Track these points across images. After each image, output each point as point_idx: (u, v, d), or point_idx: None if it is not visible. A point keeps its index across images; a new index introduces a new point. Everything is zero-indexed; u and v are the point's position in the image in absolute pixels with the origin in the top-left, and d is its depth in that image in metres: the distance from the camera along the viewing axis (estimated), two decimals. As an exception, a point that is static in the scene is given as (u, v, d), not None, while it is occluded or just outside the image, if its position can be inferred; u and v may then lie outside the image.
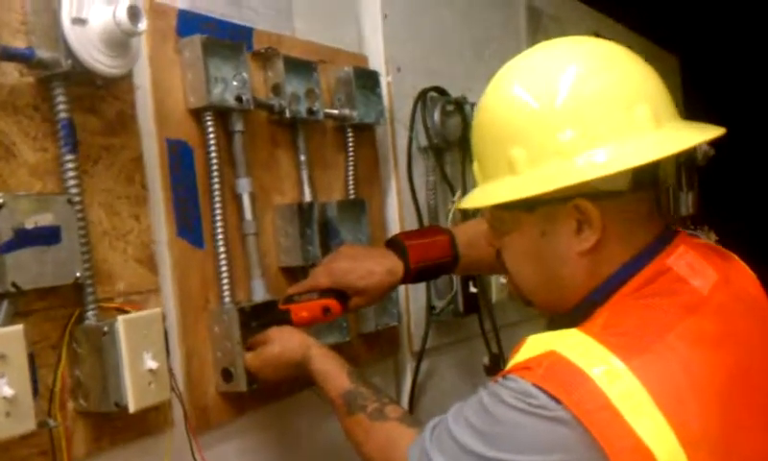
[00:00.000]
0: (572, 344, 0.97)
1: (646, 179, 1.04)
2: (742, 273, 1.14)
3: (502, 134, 1.06)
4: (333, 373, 1.30)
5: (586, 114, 1.00)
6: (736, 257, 1.16)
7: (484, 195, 1.12)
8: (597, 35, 2.85)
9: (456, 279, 1.89)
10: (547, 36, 2.54)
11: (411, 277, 1.50)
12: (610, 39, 1.14)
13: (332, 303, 1.40)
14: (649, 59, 1.10)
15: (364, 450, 1.22)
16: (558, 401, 0.92)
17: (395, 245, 1.52)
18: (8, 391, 0.98)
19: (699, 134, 1.04)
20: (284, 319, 1.39)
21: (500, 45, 2.31)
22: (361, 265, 1.46)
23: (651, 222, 1.07)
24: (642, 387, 0.91)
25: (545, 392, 0.93)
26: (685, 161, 3.11)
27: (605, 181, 1.00)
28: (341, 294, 1.43)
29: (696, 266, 1.05)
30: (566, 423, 0.91)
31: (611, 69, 1.04)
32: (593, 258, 1.05)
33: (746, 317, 1.07)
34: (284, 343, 1.35)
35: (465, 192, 1.98)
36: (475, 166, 1.15)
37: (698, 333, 0.99)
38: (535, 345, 1.01)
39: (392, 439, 1.18)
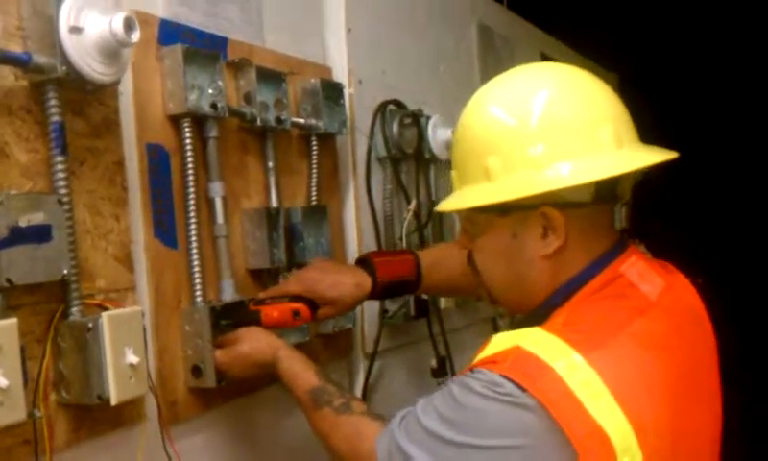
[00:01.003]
0: (535, 340, 1.08)
1: (606, 193, 1.15)
2: (683, 283, 1.27)
3: (480, 146, 1.17)
4: (301, 372, 1.37)
5: (555, 132, 1.12)
6: (677, 270, 1.28)
7: (462, 199, 1.22)
8: (543, 54, 2.99)
9: (409, 285, 1.98)
10: (497, 55, 2.69)
11: (378, 292, 1.60)
12: (555, 58, 1.29)
13: (302, 307, 1.48)
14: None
15: (331, 442, 1.30)
16: (523, 389, 1.02)
17: (363, 262, 1.63)
18: (2, 381, 1.03)
19: (654, 156, 1.15)
20: (254, 319, 1.46)
21: (453, 62, 2.42)
22: (331, 276, 1.55)
23: (608, 232, 1.20)
24: (599, 378, 1.02)
25: (512, 381, 1.04)
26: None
27: (571, 192, 1.12)
28: (310, 302, 1.50)
29: (645, 274, 1.18)
30: (531, 409, 1.02)
31: (580, 93, 1.16)
32: (555, 262, 1.16)
33: (688, 322, 1.21)
34: (253, 343, 1.41)
35: (418, 200, 2.07)
36: (453, 174, 1.25)
37: (647, 333, 1.11)
38: (500, 342, 1.12)
39: (358, 431, 1.26)
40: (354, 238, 1.93)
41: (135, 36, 1.19)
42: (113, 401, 1.18)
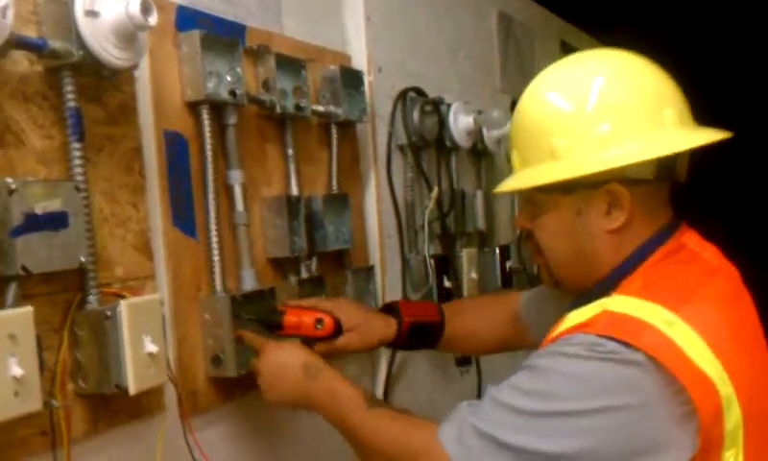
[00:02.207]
0: (621, 302, 1.10)
1: (666, 171, 1.19)
2: (729, 262, 1.28)
3: (546, 126, 1.21)
4: (347, 383, 1.33)
5: (620, 112, 1.16)
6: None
7: (526, 178, 1.24)
8: (564, 42, 2.95)
9: (431, 272, 1.96)
10: (517, 42, 2.65)
11: (404, 331, 1.59)
12: (575, 46, 1.32)
13: (327, 318, 1.47)
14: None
15: (382, 438, 1.23)
16: (628, 345, 1.03)
17: (387, 308, 1.65)
18: (17, 370, 1.01)
19: (712, 135, 1.18)
20: (276, 320, 1.44)
21: (473, 50, 2.39)
22: (360, 307, 1.58)
23: (667, 208, 1.24)
24: (692, 330, 1.05)
25: (613, 339, 1.04)
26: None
27: (635, 170, 1.15)
28: (336, 321, 1.49)
29: (703, 245, 1.23)
30: (638, 364, 1.02)
31: (643, 76, 1.20)
32: (619, 236, 1.19)
33: (741, 289, 1.23)
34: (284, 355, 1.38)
35: (440, 187, 2.04)
36: (514, 155, 1.28)
37: (720, 292, 1.17)
38: (578, 316, 1.13)
39: (412, 426, 1.22)
40: (375, 227, 1.91)
41: (153, 20, 1.17)
42: (132, 391, 1.16)
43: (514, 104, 2.52)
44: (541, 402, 1.06)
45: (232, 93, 1.44)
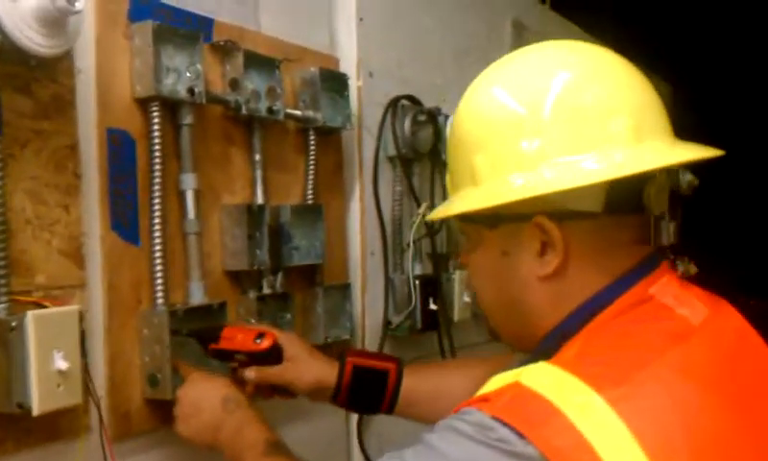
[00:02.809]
0: (538, 374, 0.86)
1: (624, 202, 0.93)
2: (731, 312, 1.01)
3: (467, 142, 0.99)
4: (260, 422, 1.21)
5: (554, 124, 0.91)
6: (723, 299, 1.03)
7: (447, 207, 1.05)
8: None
9: (415, 294, 1.82)
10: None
11: (346, 378, 1.35)
12: None
13: (269, 333, 1.32)
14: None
15: None
16: (521, 436, 0.79)
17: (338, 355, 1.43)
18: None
19: (683, 153, 0.95)
20: (213, 335, 1.32)
21: (481, 56, 2.22)
22: (306, 343, 1.40)
23: (631, 249, 0.96)
24: (623, 423, 0.78)
25: (506, 425, 0.80)
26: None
27: (573, 200, 0.91)
28: (278, 342, 1.33)
29: (682, 297, 0.95)
30: (530, 460, 0.78)
31: (588, 78, 0.95)
32: (558, 285, 0.95)
33: (741, 351, 0.96)
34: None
35: (432, 204, 1.91)
36: (447, 178, 1.08)
37: (689, 363, 0.87)
38: (498, 380, 0.90)
39: None
40: (357, 242, 1.78)
41: (80, 4, 1.06)
42: (35, 411, 1.05)
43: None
44: None
45: (190, 91, 1.33)
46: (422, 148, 1.87)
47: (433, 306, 1.86)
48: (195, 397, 1.24)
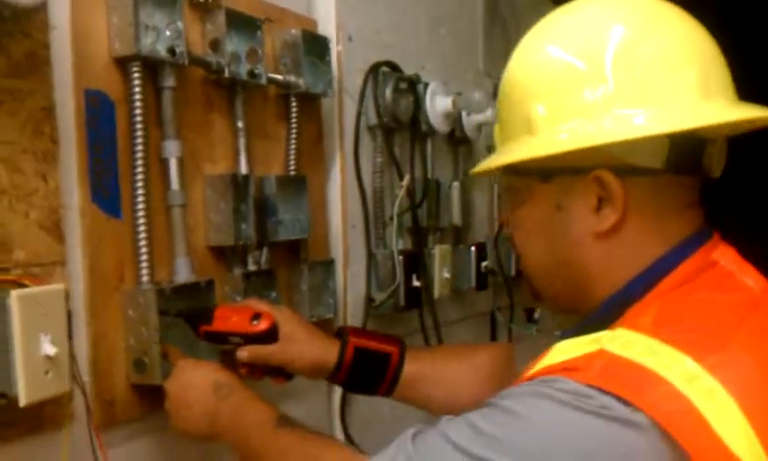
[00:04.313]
0: (625, 341, 0.82)
1: (685, 160, 0.89)
2: None
3: (525, 91, 0.94)
4: (260, 402, 1.13)
5: (619, 74, 0.87)
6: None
7: (497, 157, 0.99)
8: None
9: (399, 271, 1.75)
10: (503, 23, 2.44)
11: (347, 360, 1.28)
12: None
13: (266, 314, 1.23)
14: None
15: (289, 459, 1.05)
16: (626, 403, 0.76)
17: (336, 333, 1.36)
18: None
19: (750, 110, 0.90)
20: (205, 315, 1.22)
21: (456, 25, 2.18)
22: (303, 320, 1.31)
23: (691, 212, 0.94)
24: (723, 389, 0.77)
25: (606, 392, 0.77)
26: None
27: (635, 154, 0.88)
28: (275, 323, 1.24)
29: (742, 266, 0.93)
30: (638, 427, 0.75)
31: (658, 29, 0.90)
32: (614, 244, 0.91)
33: None
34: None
35: (413, 176, 1.84)
36: (496, 130, 1.03)
37: (764, 332, 0.85)
38: (565, 350, 0.85)
39: (333, 445, 1.04)
40: (338, 216, 1.69)
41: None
42: (22, 402, 0.95)
43: (497, 88, 2.36)
44: (496, 452, 0.79)
45: (171, 51, 1.22)
46: (403, 117, 1.78)
47: (416, 283, 1.79)
48: (183, 388, 1.14)
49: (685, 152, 0.89)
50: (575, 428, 0.77)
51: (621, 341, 0.82)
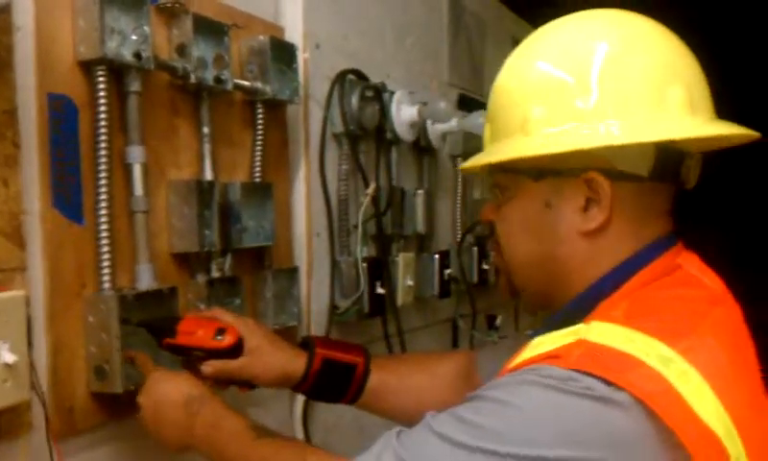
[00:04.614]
0: (601, 331, 0.87)
1: (667, 170, 0.96)
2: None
3: (523, 94, 0.99)
4: (233, 413, 1.12)
5: (613, 85, 0.93)
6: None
7: (488, 154, 1.03)
8: (515, 38, 2.77)
9: (363, 279, 1.75)
10: (468, 34, 2.46)
11: (314, 371, 1.29)
12: None
13: (231, 329, 1.22)
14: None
15: None
16: (608, 383, 0.80)
17: (302, 342, 1.37)
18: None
19: (733, 127, 0.96)
20: (168, 327, 1.21)
21: (422, 35, 2.19)
22: (269, 332, 1.31)
23: (663, 218, 1.00)
24: (695, 371, 0.83)
25: (589, 374, 0.81)
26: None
27: (625, 160, 0.94)
28: (240, 337, 1.24)
29: (704, 270, 1.00)
30: (622, 405, 0.80)
31: (647, 46, 0.97)
32: (596, 243, 0.97)
33: (742, 323, 1.00)
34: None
35: (378, 185, 1.84)
36: (486, 128, 1.06)
37: (727, 325, 0.94)
38: (543, 343, 0.90)
39: (315, 452, 1.05)
40: (303, 223, 1.69)
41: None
42: (-21, 411, 0.93)
43: (461, 98, 2.37)
44: (483, 439, 0.81)
45: (137, 55, 1.21)
46: (369, 125, 1.78)
47: (380, 290, 1.79)
48: (156, 403, 1.14)
49: (668, 162, 0.95)
50: (563, 410, 0.81)
51: (598, 331, 0.87)
